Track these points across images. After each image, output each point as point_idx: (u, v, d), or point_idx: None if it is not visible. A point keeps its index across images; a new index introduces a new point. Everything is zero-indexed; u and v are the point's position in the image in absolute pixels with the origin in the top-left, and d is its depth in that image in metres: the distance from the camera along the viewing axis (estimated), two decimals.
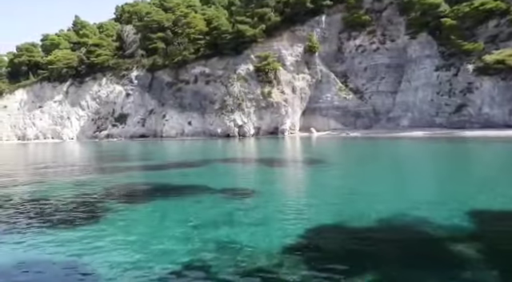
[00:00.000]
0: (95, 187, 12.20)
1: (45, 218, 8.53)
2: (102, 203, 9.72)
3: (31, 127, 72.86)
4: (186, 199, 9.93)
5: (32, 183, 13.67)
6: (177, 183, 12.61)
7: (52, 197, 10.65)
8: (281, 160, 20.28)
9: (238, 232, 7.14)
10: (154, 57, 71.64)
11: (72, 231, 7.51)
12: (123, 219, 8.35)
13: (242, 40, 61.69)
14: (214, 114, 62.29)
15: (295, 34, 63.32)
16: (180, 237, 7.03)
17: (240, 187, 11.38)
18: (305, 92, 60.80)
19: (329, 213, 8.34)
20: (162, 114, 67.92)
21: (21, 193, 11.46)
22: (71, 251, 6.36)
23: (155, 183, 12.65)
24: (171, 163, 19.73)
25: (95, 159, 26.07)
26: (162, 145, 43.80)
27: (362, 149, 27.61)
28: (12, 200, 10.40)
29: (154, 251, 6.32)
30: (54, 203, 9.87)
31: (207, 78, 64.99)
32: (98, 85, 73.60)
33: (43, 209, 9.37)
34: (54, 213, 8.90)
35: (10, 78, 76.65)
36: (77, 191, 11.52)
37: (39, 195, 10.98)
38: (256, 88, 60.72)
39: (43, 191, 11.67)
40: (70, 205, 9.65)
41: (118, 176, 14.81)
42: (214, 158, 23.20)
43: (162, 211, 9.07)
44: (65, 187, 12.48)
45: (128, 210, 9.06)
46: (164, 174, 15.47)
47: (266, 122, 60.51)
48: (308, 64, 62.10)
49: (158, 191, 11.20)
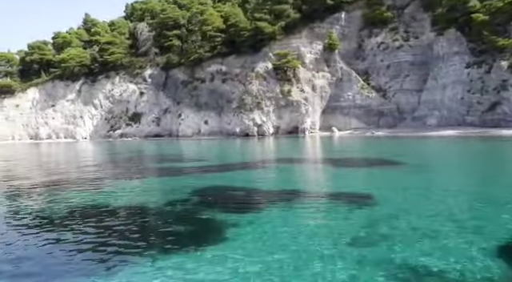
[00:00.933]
0: (176, 191, 10.94)
1: (148, 237, 6.97)
2: (203, 212, 8.46)
3: (44, 127, 71.72)
4: (297, 205, 8.70)
5: (99, 188, 12.31)
6: (267, 186, 11.32)
7: (139, 207, 9.36)
8: (342, 160, 18.80)
9: (400, 248, 5.90)
10: (168, 55, 70.45)
11: (192, 254, 5.97)
12: (243, 235, 6.89)
13: (260, 37, 60.48)
14: (231, 113, 61.05)
15: (314, 32, 62.06)
16: (330, 255, 5.75)
17: (347, 192, 10.11)
18: (325, 90, 59.53)
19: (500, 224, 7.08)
20: (178, 113, 66.68)
21: (96, 201, 9.93)
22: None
23: (243, 188, 11.34)
24: (231, 164, 18.31)
25: (137, 159, 24.29)
26: (187, 145, 42.48)
27: (410, 148, 26.35)
28: (91, 213, 8.76)
29: (310, 277, 5.02)
30: (147, 216, 8.60)
31: (224, 77, 63.75)
32: (111, 83, 72.42)
33: (138, 224, 7.76)
34: (156, 229, 7.49)
35: (22, 76, 75.44)
36: (159, 197, 10.27)
37: (120, 204, 9.66)
38: (275, 86, 59.45)
39: (120, 198, 10.38)
40: (166, 217, 8.23)
41: (190, 179, 13.49)
42: (268, 158, 21.92)
43: (284, 221, 7.77)
44: (139, 192, 11.19)
45: (242, 221, 7.72)
46: (240, 176, 14.13)
47: (286, 122, 59.25)
48: (327, 62, 60.83)
49: (254, 196, 9.94)
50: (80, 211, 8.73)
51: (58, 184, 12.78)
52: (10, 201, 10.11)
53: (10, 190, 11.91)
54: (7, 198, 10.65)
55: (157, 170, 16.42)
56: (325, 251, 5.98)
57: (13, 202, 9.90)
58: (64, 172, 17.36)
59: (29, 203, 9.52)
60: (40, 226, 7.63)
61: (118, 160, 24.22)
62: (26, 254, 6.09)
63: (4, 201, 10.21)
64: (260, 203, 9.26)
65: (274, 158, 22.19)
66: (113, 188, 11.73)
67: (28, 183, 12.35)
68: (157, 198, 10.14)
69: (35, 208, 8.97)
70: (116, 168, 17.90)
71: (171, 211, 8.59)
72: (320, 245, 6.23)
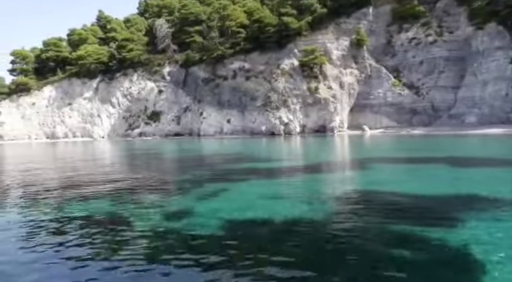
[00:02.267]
0: (317, 197, 9.10)
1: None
2: (397, 225, 6.58)
3: (60, 125, 70.11)
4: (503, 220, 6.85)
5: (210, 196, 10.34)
6: (427, 191, 9.49)
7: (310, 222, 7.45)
8: (445, 159, 16.73)
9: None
10: (188, 52, 68.78)
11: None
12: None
13: (285, 33, 58.62)
14: (256, 112, 59.24)
15: (340, 27, 60.20)
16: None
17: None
18: (353, 88, 57.66)
19: None
20: (199, 111, 64.92)
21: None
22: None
23: (394, 192, 9.50)
24: (318, 165, 16.30)
25: (197, 160, 21.42)
26: (223, 144, 40.51)
27: (474, 146, 24.44)
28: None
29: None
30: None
31: (247, 74, 61.94)
32: (128, 81, 70.80)
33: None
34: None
35: (37, 74, 73.87)
36: (314, 208, 8.41)
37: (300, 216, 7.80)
38: (302, 84, 57.61)
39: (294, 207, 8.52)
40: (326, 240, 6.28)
41: (311, 182, 11.65)
42: (345, 157, 20.00)
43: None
44: (286, 203, 9.29)
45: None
46: (362, 178, 12.29)
47: (313, 120, 57.38)
48: (355, 58, 58.98)
49: (437, 204, 8.05)
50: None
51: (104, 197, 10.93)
52: (23, 214, 8.11)
53: (25, 199, 10.06)
54: (21, 207, 8.83)
55: (253, 172, 14.46)
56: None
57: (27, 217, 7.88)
58: (119, 180, 15.44)
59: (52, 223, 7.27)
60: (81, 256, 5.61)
61: (172, 162, 22.29)
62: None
63: (16, 211, 8.35)
64: (460, 211, 7.41)
65: (353, 157, 20.26)
66: (235, 196, 9.90)
67: (52, 196, 10.13)
68: (316, 210, 8.30)
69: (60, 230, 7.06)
70: (183, 173, 15.75)
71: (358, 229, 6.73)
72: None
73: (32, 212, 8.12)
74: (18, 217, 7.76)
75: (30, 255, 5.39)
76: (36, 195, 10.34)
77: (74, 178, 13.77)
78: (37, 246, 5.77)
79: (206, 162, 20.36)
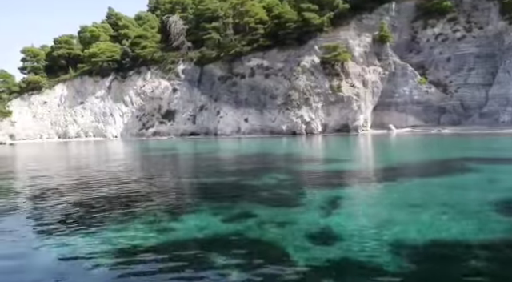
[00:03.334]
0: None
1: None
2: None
3: (72, 125, 68.42)
4: None
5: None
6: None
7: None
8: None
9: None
10: (202, 49, 67.05)
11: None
12: None
13: (306, 29, 56.87)
14: (276, 110, 57.53)
15: (362, 23, 58.46)
16: None
17: None
18: (377, 86, 55.87)
19: None
20: (216, 110, 63.17)
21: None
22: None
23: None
24: (402, 165, 14.62)
25: (254, 162, 19.40)
26: (250, 144, 38.71)
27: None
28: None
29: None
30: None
31: (266, 72, 60.20)
32: (142, 79, 69.05)
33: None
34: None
35: (48, 72, 72.14)
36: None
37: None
38: (323, 82, 55.85)
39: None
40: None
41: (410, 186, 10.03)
42: (413, 158, 18.29)
43: None
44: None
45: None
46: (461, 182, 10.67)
47: (335, 119, 55.63)
48: (378, 55, 57.22)
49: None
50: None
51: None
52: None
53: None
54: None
55: (337, 175, 12.79)
56: None
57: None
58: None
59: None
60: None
61: (221, 165, 20.36)
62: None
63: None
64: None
65: (437, 157, 18.41)
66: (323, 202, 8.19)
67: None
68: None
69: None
70: (262, 177, 13.87)
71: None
72: None
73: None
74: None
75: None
76: (47, 200, 8.79)
77: (96, 187, 12.06)
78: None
79: (276, 163, 18.58)
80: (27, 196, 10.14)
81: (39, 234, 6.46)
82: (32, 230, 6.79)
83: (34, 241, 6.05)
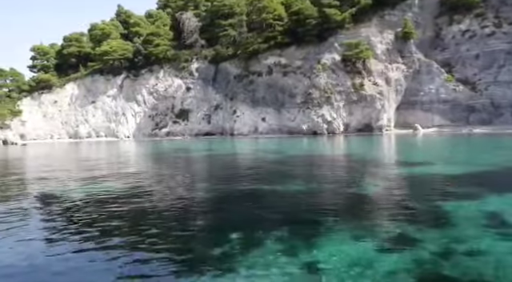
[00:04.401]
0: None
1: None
2: None
3: (83, 124, 66.71)
4: None
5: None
6: None
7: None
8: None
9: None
10: (217, 47, 65.31)
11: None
12: None
13: (327, 26, 55.05)
14: (296, 109, 55.74)
15: (384, 20, 56.63)
16: None
17: None
18: (400, 84, 53.99)
19: None
20: (232, 109, 61.39)
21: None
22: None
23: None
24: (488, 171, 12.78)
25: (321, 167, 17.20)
26: (278, 144, 36.75)
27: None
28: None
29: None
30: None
31: (284, 70, 58.39)
32: (154, 78, 67.35)
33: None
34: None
35: (58, 70, 70.48)
36: None
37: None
38: (345, 80, 54.03)
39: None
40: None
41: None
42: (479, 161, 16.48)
43: None
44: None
45: None
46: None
47: (357, 118, 53.78)
48: (401, 53, 55.33)
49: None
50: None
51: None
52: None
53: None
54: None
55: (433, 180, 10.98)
56: None
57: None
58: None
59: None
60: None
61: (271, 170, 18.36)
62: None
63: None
64: None
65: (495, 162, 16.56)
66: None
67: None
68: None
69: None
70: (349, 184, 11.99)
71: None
72: None
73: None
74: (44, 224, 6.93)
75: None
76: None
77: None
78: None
79: (353, 167, 16.73)
80: (62, 207, 8.33)
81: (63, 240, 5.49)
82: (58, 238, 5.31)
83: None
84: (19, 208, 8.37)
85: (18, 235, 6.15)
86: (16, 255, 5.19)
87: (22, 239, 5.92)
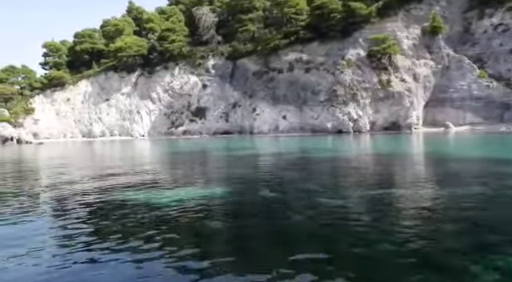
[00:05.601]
0: None
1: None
2: None
3: (97, 123, 64.87)
4: None
5: None
6: None
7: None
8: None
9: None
10: (234, 43, 63.41)
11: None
12: None
13: (352, 20, 53.09)
14: (319, 107, 53.78)
15: (411, 14, 54.67)
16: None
17: None
18: (428, 80, 51.99)
19: None
20: (252, 107, 59.50)
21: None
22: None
23: None
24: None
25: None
26: (310, 142, 34.68)
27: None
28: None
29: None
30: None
31: (306, 66, 56.47)
32: (170, 75, 65.49)
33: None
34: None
35: (70, 67, 68.66)
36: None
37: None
38: (371, 76, 52.07)
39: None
40: None
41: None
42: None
43: None
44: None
45: None
46: None
47: (383, 116, 51.79)
48: (429, 48, 53.33)
49: None
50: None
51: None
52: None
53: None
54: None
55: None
56: None
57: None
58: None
59: None
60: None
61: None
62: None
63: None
64: None
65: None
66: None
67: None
68: None
69: None
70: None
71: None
72: None
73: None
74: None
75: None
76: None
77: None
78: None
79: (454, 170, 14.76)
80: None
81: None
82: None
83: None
84: (77, 218, 6.51)
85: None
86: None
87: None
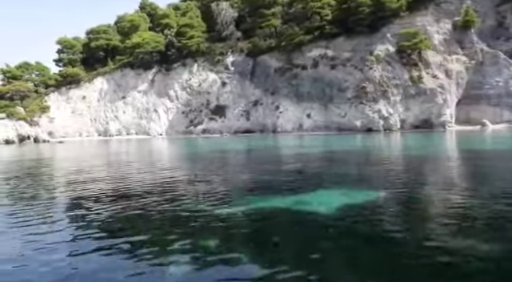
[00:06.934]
0: None
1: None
2: None
3: (114, 121, 62.98)
4: None
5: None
6: None
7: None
8: None
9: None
10: (254, 39, 61.48)
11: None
12: None
13: (381, 15, 51.16)
14: (347, 105, 51.84)
15: (441, 8, 52.81)
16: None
17: None
18: (461, 77, 50.06)
19: None
20: (274, 105, 57.61)
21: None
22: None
23: None
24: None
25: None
26: (346, 141, 32.77)
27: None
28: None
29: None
30: None
31: (332, 62, 54.49)
32: (188, 72, 63.59)
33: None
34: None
35: (85, 64, 66.82)
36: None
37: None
38: (402, 72, 50.14)
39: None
40: None
41: None
42: None
43: None
44: None
45: None
46: None
47: (414, 114, 49.82)
48: (461, 43, 51.43)
49: None
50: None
51: None
52: None
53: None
54: None
55: None
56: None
57: None
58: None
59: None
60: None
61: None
62: None
63: None
64: None
65: None
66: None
67: None
68: None
69: None
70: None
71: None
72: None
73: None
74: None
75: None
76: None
77: None
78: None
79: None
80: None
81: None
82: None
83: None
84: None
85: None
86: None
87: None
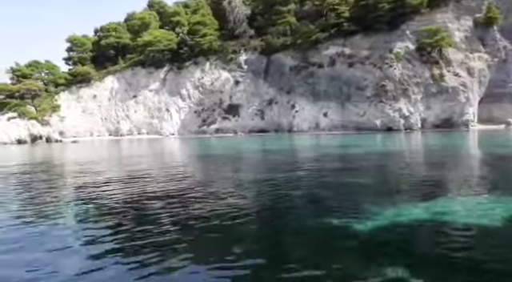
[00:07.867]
0: None
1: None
2: None
3: (125, 121, 61.80)
4: None
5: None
6: None
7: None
8: None
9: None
10: (267, 37, 60.35)
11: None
12: None
13: (401, 11, 50.03)
14: (365, 104, 50.73)
15: (462, 5, 51.78)
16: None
17: None
18: (484, 75, 49.03)
19: None
20: (290, 104, 56.48)
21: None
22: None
23: None
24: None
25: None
26: (373, 141, 31.56)
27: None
28: None
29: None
30: None
31: (349, 60, 53.34)
32: (200, 71, 62.40)
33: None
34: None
35: (94, 62, 65.66)
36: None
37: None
38: (422, 70, 49.03)
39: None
40: None
41: None
42: None
43: None
44: None
45: None
46: None
47: (435, 113, 48.73)
48: (483, 40, 50.43)
49: None
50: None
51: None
52: None
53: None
54: None
55: None
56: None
57: None
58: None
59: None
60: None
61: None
62: None
63: None
64: None
65: None
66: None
67: None
68: None
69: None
70: None
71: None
72: None
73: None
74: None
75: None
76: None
77: None
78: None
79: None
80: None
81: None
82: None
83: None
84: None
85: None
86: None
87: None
